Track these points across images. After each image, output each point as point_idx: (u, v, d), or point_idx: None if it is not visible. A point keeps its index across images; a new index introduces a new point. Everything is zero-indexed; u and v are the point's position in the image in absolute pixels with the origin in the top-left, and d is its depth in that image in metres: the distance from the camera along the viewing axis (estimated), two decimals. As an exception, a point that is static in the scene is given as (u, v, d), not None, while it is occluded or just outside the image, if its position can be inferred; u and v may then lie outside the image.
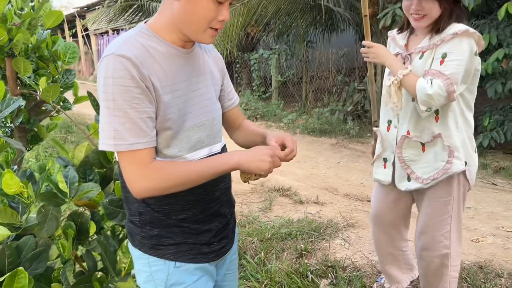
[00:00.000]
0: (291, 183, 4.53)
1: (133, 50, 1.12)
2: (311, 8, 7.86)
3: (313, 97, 8.89)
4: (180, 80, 1.21)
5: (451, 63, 1.79)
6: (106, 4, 11.23)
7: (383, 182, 2.16)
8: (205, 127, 1.28)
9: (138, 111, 1.10)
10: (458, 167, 1.94)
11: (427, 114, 1.86)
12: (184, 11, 1.14)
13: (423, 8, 1.83)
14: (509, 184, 4.38)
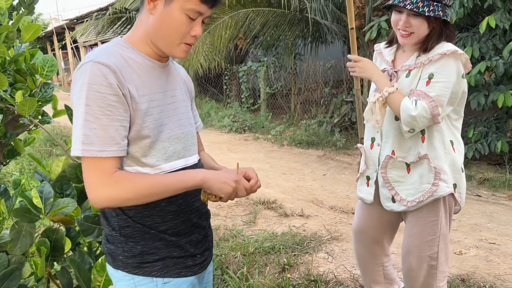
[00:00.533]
0: (277, 196, 4.51)
1: (111, 58, 1.13)
2: (299, 21, 7.93)
3: (301, 109, 8.93)
4: (156, 91, 1.22)
5: (437, 84, 1.75)
6: (95, 17, 11.22)
7: (365, 200, 2.12)
8: (180, 139, 1.28)
9: (111, 118, 1.09)
10: (444, 190, 1.88)
11: (410, 135, 1.83)
12: (158, 25, 1.17)
13: (411, 25, 1.79)
14: (493, 196, 4.41)
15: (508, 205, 4.13)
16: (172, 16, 1.14)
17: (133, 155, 1.18)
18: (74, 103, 1.11)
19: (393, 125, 1.93)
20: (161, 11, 1.15)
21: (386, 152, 1.98)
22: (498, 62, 4.59)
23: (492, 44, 4.87)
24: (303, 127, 7.69)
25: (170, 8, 1.14)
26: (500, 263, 2.99)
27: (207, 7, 1.16)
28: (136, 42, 1.21)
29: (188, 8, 1.14)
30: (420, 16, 1.77)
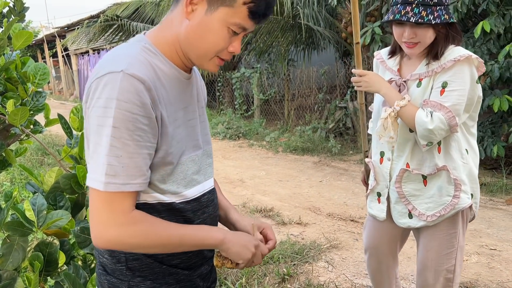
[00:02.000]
0: (274, 203, 4.45)
1: (145, 71, 0.96)
2: (292, 27, 7.93)
3: (295, 115, 8.90)
4: (179, 108, 1.06)
5: (452, 93, 1.65)
6: (86, 24, 11.14)
7: (378, 218, 2.00)
8: (195, 162, 1.13)
9: (139, 145, 0.93)
10: (465, 202, 1.80)
11: (427, 148, 1.73)
12: (194, 33, 1.00)
13: (416, 35, 1.69)
14: (490, 201, 4.40)
15: (507, 210, 4.11)
16: (212, 26, 0.98)
17: (153, 183, 1.03)
18: (94, 121, 0.93)
19: (406, 137, 1.81)
20: (200, 19, 0.99)
21: (399, 165, 1.86)
22: (493, 66, 4.60)
23: (487, 49, 4.88)
24: (297, 133, 7.65)
25: (211, 17, 0.98)
26: (503, 270, 2.96)
27: (253, 23, 1.00)
28: (164, 46, 1.04)
29: (233, 22, 0.98)
30: (425, 25, 1.67)
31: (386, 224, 2.01)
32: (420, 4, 1.64)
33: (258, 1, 0.96)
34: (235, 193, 4.80)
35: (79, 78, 19.67)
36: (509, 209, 4.13)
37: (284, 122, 8.89)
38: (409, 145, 1.82)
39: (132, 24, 10.39)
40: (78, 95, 19.78)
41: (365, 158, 2.12)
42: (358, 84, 1.83)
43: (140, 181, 0.95)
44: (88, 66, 18.35)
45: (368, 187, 2.06)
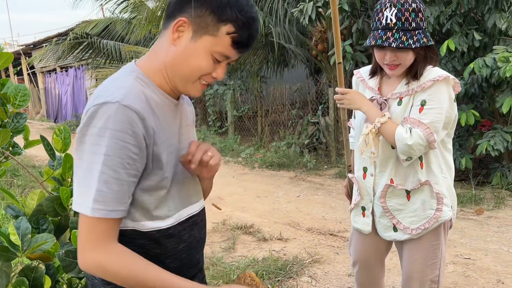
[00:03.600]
0: (254, 220, 4.47)
1: (138, 102, 1.00)
2: (264, 45, 8.06)
3: (269, 131, 8.99)
4: (172, 134, 1.11)
5: (431, 111, 1.72)
6: (54, 42, 10.95)
7: (363, 231, 2.05)
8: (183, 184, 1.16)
9: (128, 173, 0.97)
10: (447, 214, 1.88)
11: (408, 163, 1.79)
12: (179, 58, 1.04)
13: (397, 58, 1.75)
14: (461, 211, 4.56)
15: (477, 220, 4.28)
16: (196, 53, 1.02)
17: (147, 207, 1.06)
18: (87, 148, 0.97)
19: (389, 153, 1.87)
20: (185, 45, 1.03)
21: (383, 181, 1.91)
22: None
23: (452, 66, 5.12)
24: (273, 149, 7.73)
25: (196, 44, 1.02)
26: (478, 278, 3.07)
27: (236, 52, 1.05)
28: (153, 74, 1.08)
29: (216, 50, 1.02)
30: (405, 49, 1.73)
31: (371, 237, 2.06)
32: (400, 29, 1.70)
33: (241, 31, 1.01)
34: (214, 210, 4.79)
35: (46, 97, 19.20)
36: (479, 219, 4.30)
37: (258, 138, 8.96)
38: (391, 161, 1.88)
39: (102, 42, 10.29)
40: (45, 113, 19.27)
41: (348, 172, 2.17)
42: (341, 101, 1.89)
43: (124, 208, 0.99)
44: (56, 84, 17.96)
45: (352, 201, 2.11)
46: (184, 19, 1.02)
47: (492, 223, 4.17)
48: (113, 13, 11.08)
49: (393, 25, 1.71)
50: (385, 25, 1.73)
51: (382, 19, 1.74)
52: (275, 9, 7.62)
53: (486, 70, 4.41)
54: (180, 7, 1.03)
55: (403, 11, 1.71)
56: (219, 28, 1.00)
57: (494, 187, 5.02)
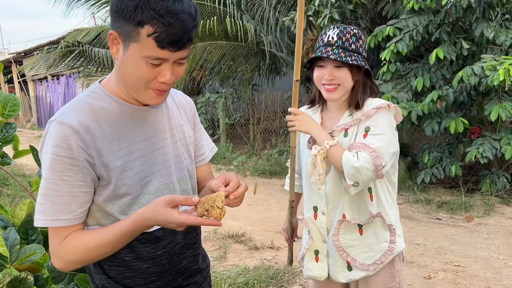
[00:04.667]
0: (245, 228, 4.46)
1: (78, 116, 1.05)
2: (255, 54, 8.11)
3: (261, 139, 9.01)
4: (137, 141, 1.13)
5: (375, 137, 1.71)
6: (46, 50, 10.91)
7: (318, 278, 1.89)
8: (170, 189, 1.18)
9: (68, 184, 1.03)
10: (401, 246, 1.83)
11: (355, 190, 1.71)
12: (120, 70, 1.07)
13: (336, 78, 1.75)
14: (451, 218, 4.59)
15: (467, 227, 4.31)
16: (129, 63, 1.03)
17: (113, 215, 1.10)
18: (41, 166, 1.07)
19: (340, 187, 1.81)
20: (120, 57, 1.04)
21: (336, 217, 1.83)
22: (448, 91, 4.88)
23: (441, 74, 5.19)
24: (265, 157, 7.73)
25: (127, 54, 1.02)
26: (468, 285, 3.09)
27: (170, 52, 1.00)
28: (112, 87, 1.12)
29: (146, 55, 1.00)
30: (344, 68, 1.75)
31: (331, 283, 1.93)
32: (340, 47, 1.75)
33: (160, 30, 0.97)
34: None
35: (37, 105, 19.08)
36: (469, 226, 4.33)
37: (250, 145, 8.97)
38: (342, 196, 1.82)
39: (93, 50, 10.28)
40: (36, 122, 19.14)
41: (291, 207, 2.06)
42: (292, 123, 1.81)
43: (69, 217, 1.04)
44: (47, 92, 17.86)
45: (302, 247, 1.99)
46: (113, 32, 1.03)
47: (482, 230, 4.21)
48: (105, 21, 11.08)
49: (334, 42, 1.76)
50: (326, 42, 1.77)
51: (324, 38, 1.79)
52: (266, 17, 7.68)
53: (474, 78, 4.48)
54: (111, 21, 1.05)
55: (344, 33, 1.77)
56: (139, 32, 0.98)
57: (484, 194, 5.07)
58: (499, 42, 4.71)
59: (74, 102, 1.10)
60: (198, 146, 1.35)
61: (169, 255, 1.17)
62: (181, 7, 0.98)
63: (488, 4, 4.74)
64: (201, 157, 1.37)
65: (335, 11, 5.46)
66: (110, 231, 1.06)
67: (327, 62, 1.77)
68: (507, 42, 4.64)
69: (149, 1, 0.96)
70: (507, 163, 5.19)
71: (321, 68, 1.79)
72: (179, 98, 1.33)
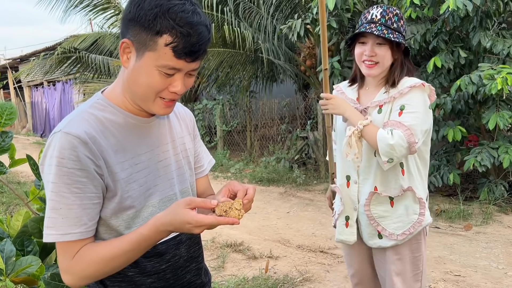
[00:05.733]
0: (243, 237, 4.42)
1: (84, 126, 1.03)
2: (253, 61, 8.11)
3: (259, 146, 8.99)
4: (141, 153, 1.12)
5: (410, 115, 1.79)
6: (42, 56, 10.87)
7: (348, 242, 2.02)
8: (173, 202, 1.16)
9: (78, 196, 1.00)
10: (429, 219, 1.94)
11: (389, 165, 1.82)
12: (130, 79, 1.06)
13: (376, 54, 1.83)
14: (450, 227, 4.58)
15: (466, 236, 4.29)
16: (142, 72, 1.02)
17: (116, 229, 1.08)
18: (44, 179, 1.02)
19: (372, 161, 1.92)
20: (133, 66, 1.03)
21: (367, 189, 1.94)
22: (446, 99, 4.89)
23: (439, 82, 5.20)
24: (262, 164, 7.71)
25: (141, 63, 1.02)
26: (468, 295, 3.07)
27: (186, 62, 1.01)
28: (116, 98, 1.11)
29: (161, 64, 1.00)
30: (385, 45, 1.84)
31: (361, 248, 2.07)
32: (383, 24, 1.84)
33: (178, 40, 0.97)
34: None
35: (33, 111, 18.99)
36: (468, 235, 4.32)
37: (248, 153, 8.95)
38: (374, 168, 1.92)
39: (90, 57, 10.26)
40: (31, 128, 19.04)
41: (331, 180, 2.15)
42: (325, 107, 1.93)
43: (81, 230, 1.01)
44: (43, 98, 17.79)
45: (335, 212, 2.10)
46: (126, 40, 1.03)
47: (481, 239, 4.19)
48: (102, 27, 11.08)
49: (377, 20, 1.85)
50: (370, 19, 1.87)
51: (368, 16, 1.89)
52: (264, 25, 7.70)
53: (472, 87, 4.48)
54: (123, 30, 1.04)
55: (387, 12, 1.85)
56: (156, 42, 0.99)
57: (482, 203, 5.06)
58: (496, 51, 4.73)
59: (78, 112, 1.08)
60: (197, 158, 1.35)
61: (173, 269, 1.15)
62: (199, 19, 1.00)
63: (485, 13, 4.76)
64: (200, 169, 1.37)
65: (333, 20, 5.47)
66: (125, 240, 1.03)
67: (369, 39, 1.87)
68: (504, 51, 4.66)
69: (169, 11, 0.97)
70: (504, 171, 5.19)
71: (362, 45, 1.89)
72: (179, 110, 1.32)
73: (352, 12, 5.49)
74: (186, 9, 1.00)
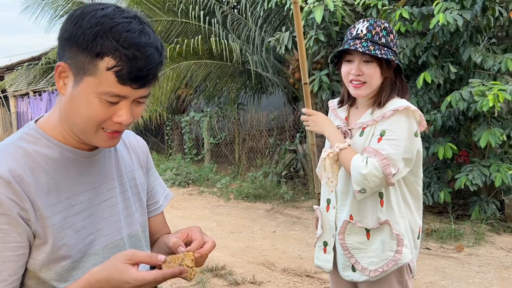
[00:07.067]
0: (226, 259, 4.22)
1: (7, 162, 0.87)
2: (241, 73, 7.97)
3: (246, 159, 8.81)
4: (79, 192, 0.96)
5: (389, 142, 1.64)
6: (26, 66, 10.65)
7: (324, 269, 1.92)
8: (119, 248, 1.01)
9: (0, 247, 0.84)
10: (407, 257, 1.75)
11: (361, 196, 1.68)
12: (67, 108, 0.92)
13: (363, 74, 1.69)
14: (441, 248, 4.42)
15: (457, 258, 4.14)
16: (81, 100, 0.88)
17: (49, 282, 0.91)
18: None
19: (350, 187, 1.77)
20: (70, 92, 0.90)
21: (343, 216, 1.81)
22: (436, 115, 4.76)
23: (428, 98, 5.08)
24: (249, 179, 7.52)
25: (78, 89, 0.88)
26: (461, 327, 2.89)
27: (132, 89, 0.88)
28: (52, 128, 0.96)
29: (103, 91, 0.87)
30: (372, 63, 1.69)
31: (335, 276, 1.94)
32: (369, 40, 1.69)
33: (122, 63, 0.85)
34: (184, 248, 4.53)
35: (18, 121, 18.66)
36: (460, 257, 4.16)
37: (235, 166, 8.76)
38: (350, 195, 1.79)
39: (76, 67, 10.04)
40: (16, 138, 18.67)
41: (318, 200, 2.03)
42: (307, 123, 1.86)
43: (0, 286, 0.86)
44: (28, 108, 17.48)
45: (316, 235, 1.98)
46: (62, 63, 0.89)
47: (473, 261, 4.03)
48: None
49: (363, 35, 1.71)
50: (355, 35, 1.73)
51: (353, 31, 1.75)
52: (252, 37, 7.57)
53: (463, 103, 4.36)
54: (60, 51, 0.91)
55: (374, 26, 1.71)
56: (96, 65, 0.86)
57: (474, 222, 4.92)
58: (487, 66, 4.62)
59: (3, 146, 0.92)
60: (151, 193, 1.19)
61: None
62: (148, 40, 0.87)
63: (475, 28, 4.66)
64: (155, 206, 1.20)
65: (321, 33, 5.34)
66: None
67: (355, 56, 1.72)
68: (495, 67, 4.55)
69: (112, 31, 0.85)
70: (496, 189, 5.06)
71: (349, 63, 1.74)
72: (130, 140, 1.16)
73: (340, 25, 5.37)
74: (132, 29, 0.86)
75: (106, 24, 0.85)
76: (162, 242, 1.15)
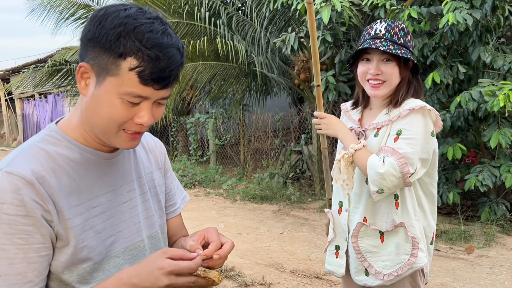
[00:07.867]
0: (234, 261, 4.20)
1: (30, 164, 0.87)
2: (246, 74, 7.96)
3: (252, 160, 8.79)
4: (99, 194, 0.96)
5: (406, 141, 1.61)
6: (32, 68, 10.67)
7: (335, 274, 1.88)
8: (140, 249, 1.02)
9: (21, 248, 0.83)
10: (423, 261, 1.71)
11: (378, 196, 1.63)
12: (89, 109, 0.91)
13: (382, 72, 1.66)
14: (451, 249, 4.38)
15: (468, 260, 4.10)
16: (103, 100, 0.88)
17: (70, 284, 0.90)
18: None
19: (363, 188, 1.75)
20: (91, 93, 0.90)
21: (356, 218, 1.78)
22: (445, 116, 4.72)
23: (437, 98, 5.04)
24: (255, 180, 7.50)
25: (100, 90, 0.88)
26: (475, 329, 2.86)
27: (154, 90, 0.88)
28: (73, 130, 0.96)
29: (125, 91, 0.87)
30: (391, 62, 1.67)
31: (348, 281, 1.89)
32: (388, 40, 1.68)
33: (145, 64, 0.85)
34: (192, 250, 4.51)
35: (24, 123, 18.76)
36: (470, 259, 4.12)
37: (241, 167, 8.74)
38: (364, 197, 1.76)
39: (81, 69, 10.07)
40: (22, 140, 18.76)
41: (328, 205, 2.01)
42: (318, 126, 1.83)
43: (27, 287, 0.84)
44: (34, 110, 17.57)
45: (328, 239, 1.95)
46: (85, 64, 0.89)
47: (484, 263, 3.99)
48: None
49: (382, 35, 1.69)
50: (373, 35, 1.71)
51: (371, 31, 1.73)
52: (257, 38, 7.56)
53: (472, 103, 4.33)
54: (82, 52, 0.91)
55: (392, 26, 1.70)
56: (119, 65, 0.85)
57: (483, 223, 4.88)
58: (496, 66, 4.58)
59: (25, 147, 0.92)
60: (169, 195, 1.18)
61: None
62: (170, 41, 0.87)
63: (485, 27, 4.62)
64: (172, 208, 1.20)
65: (327, 33, 5.32)
66: None
67: (373, 55, 1.69)
68: (505, 66, 4.52)
69: (135, 31, 0.85)
70: (505, 190, 5.01)
71: (367, 62, 1.72)
72: (148, 142, 1.16)
73: (347, 26, 5.35)
74: (155, 29, 0.86)
75: (129, 24, 0.85)
76: (180, 245, 1.14)
